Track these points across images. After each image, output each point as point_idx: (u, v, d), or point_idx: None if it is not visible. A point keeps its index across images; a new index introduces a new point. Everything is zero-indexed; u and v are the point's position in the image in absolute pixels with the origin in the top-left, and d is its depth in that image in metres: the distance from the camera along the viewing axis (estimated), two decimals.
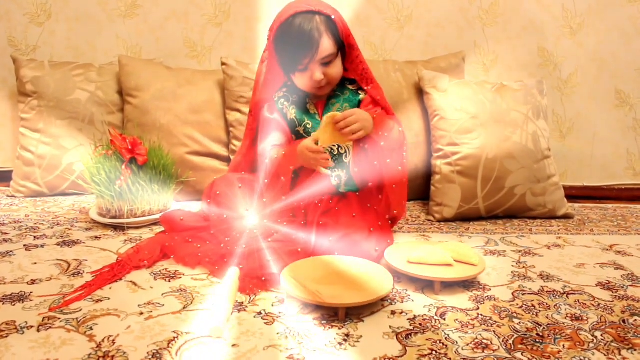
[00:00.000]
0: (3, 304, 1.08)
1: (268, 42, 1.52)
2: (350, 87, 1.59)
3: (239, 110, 2.07)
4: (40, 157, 2.05)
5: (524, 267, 1.39)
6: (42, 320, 1.01)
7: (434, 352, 0.93)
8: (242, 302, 1.12)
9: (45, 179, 2.06)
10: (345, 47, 1.51)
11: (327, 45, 1.42)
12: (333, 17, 1.45)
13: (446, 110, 1.93)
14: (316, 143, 1.40)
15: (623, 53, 2.38)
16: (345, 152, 1.55)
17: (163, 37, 2.37)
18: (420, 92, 2.11)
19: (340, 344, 0.95)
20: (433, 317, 1.08)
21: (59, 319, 1.02)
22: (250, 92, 2.05)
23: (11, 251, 1.40)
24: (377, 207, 1.51)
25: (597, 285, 1.28)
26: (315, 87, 1.50)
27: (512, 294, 1.20)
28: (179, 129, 2.04)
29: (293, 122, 1.57)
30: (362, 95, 1.58)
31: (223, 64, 2.11)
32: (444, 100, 1.96)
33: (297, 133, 1.58)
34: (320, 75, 1.45)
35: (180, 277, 1.25)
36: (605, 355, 0.93)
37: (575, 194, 2.35)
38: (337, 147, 1.56)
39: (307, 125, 1.56)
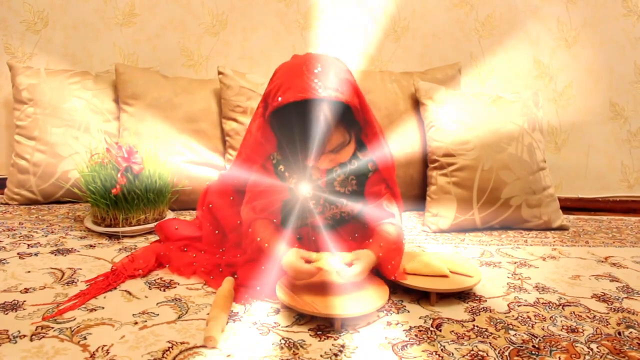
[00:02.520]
0: None
1: (262, 106, 1.30)
2: (360, 155, 1.35)
3: (235, 120, 2.07)
4: (35, 165, 2.04)
5: (519, 278, 1.39)
6: (35, 330, 1.00)
7: None
8: (238, 312, 1.12)
9: (40, 187, 2.05)
10: (359, 126, 1.28)
11: (337, 137, 1.20)
12: (346, 101, 1.17)
13: (442, 121, 1.94)
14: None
15: (618, 66, 2.40)
16: (348, 216, 1.46)
17: (160, 45, 2.37)
18: (416, 103, 2.12)
19: (335, 354, 0.95)
20: (429, 328, 1.07)
21: (53, 328, 1.01)
22: (247, 101, 2.06)
23: (4, 259, 1.39)
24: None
25: (592, 297, 1.28)
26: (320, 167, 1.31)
27: (508, 305, 1.20)
28: (175, 137, 2.04)
29: (292, 191, 1.38)
30: (372, 172, 1.37)
31: (220, 73, 2.11)
32: (440, 111, 1.97)
33: (295, 199, 1.39)
34: (329, 164, 1.27)
35: (175, 287, 1.25)
36: None
37: (570, 206, 2.35)
38: (340, 212, 1.44)
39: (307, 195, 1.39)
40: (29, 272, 1.31)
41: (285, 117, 1.17)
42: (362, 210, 1.38)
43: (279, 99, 1.15)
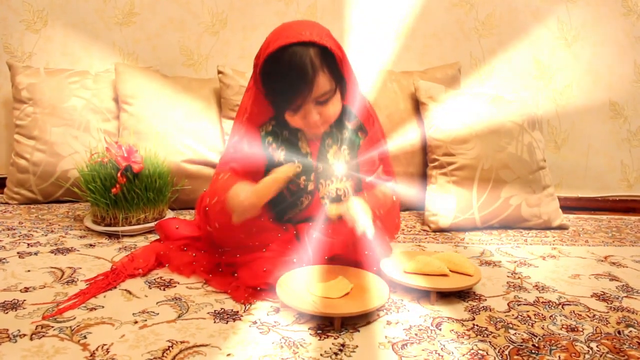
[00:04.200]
0: None
1: (254, 72, 1.33)
2: (349, 124, 1.41)
3: (235, 119, 2.06)
4: (34, 164, 2.04)
5: (519, 277, 1.39)
6: (35, 329, 1.00)
7: None
8: (237, 311, 1.12)
9: (40, 186, 2.05)
10: (344, 79, 1.31)
11: (323, 82, 1.21)
12: (330, 47, 1.23)
13: (442, 120, 1.94)
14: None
15: (617, 65, 2.39)
16: (344, 193, 1.45)
17: (159, 45, 2.37)
18: (416, 103, 2.12)
19: (335, 353, 0.95)
20: (429, 327, 1.07)
21: (53, 327, 1.01)
22: None
23: (4, 258, 1.39)
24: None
25: (592, 296, 1.28)
26: (310, 128, 1.31)
27: (508, 304, 1.20)
28: (174, 136, 2.03)
29: (281, 164, 1.34)
30: (362, 139, 1.42)
31: (219, 72, 2.11)
32: (439, 110, 1.97)
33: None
34: (316, 116, 1.26)
35: (175, 286, 1.25)
36: None
37: (570, 205, 2.36)
38: (335, 188, 1.45)
39: (297, 169, 1.38)
40: (28, 271, 1.31)
41: (273, 68, 1.22)
42: (358, 184, 1.44)
43: (269, 49, 1.22)
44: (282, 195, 1.46)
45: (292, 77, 1.19)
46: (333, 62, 1.24)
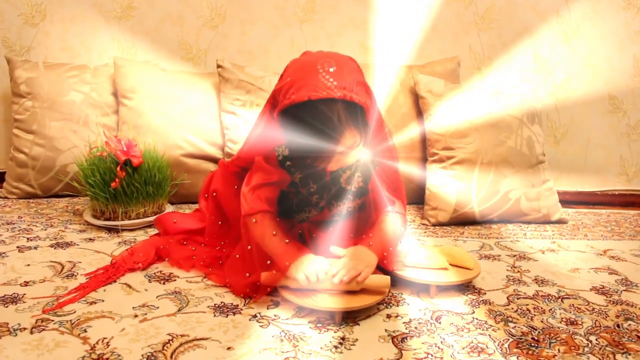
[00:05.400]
0: None
1: (270, 103, 1.22)
2: (365, 152, 1.27)
3: (234, 113, 2.06)
4: (34, 159, 2.04)
5: (518, 271, 1.39)
6: (36, 322, 1.00)
7: (429, 356, 0.93)
8: (237, 305, 1.12)
9: (39, 181, 2.04)
10: (369, 126, 1.19)
11: (349, 138, 1.11)
12: (359, 102, 1.10)
13: (441, 114, 1.94)
14: None
15: (617, 59, 2.39)
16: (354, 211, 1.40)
17: (158, 39, 2.36)
18: (415, 96, 2.11)
19: (336, 347, 0.95)
20: (429, 320, 1.08)
21: (53, 321, 1.01)
22: (246, 94, 2.06)
23: (4, 253, 1.39)
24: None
25: (591, 289, 1.28)
26: (328, 169, 1.24)
27: (507, 298, 1.21)
28: (174, 131, 2.03)
29: (295, 184, 1.33)
30: (376, 166, 1.33)
31: (218, 66, 2.11)
32: (439, 104, 1.96)
33: (297, 192, 1.36)
34: (339, 164, 1.19)
35: (175, 280, 1.25)
36: (600, 359, 0.94)
37: (569, 199, 2.36)
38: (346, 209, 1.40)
39: (311, 189, 1.33)
40: (28, 265, 1.31)
41: (295, 116, 1.10)
42: (367, 203, 1.37)
43: (292, 96, 1.08)
44: (289, 200, 1.42)
45: (315, 131, 1.08)
46: (363, 113, 1.13)
